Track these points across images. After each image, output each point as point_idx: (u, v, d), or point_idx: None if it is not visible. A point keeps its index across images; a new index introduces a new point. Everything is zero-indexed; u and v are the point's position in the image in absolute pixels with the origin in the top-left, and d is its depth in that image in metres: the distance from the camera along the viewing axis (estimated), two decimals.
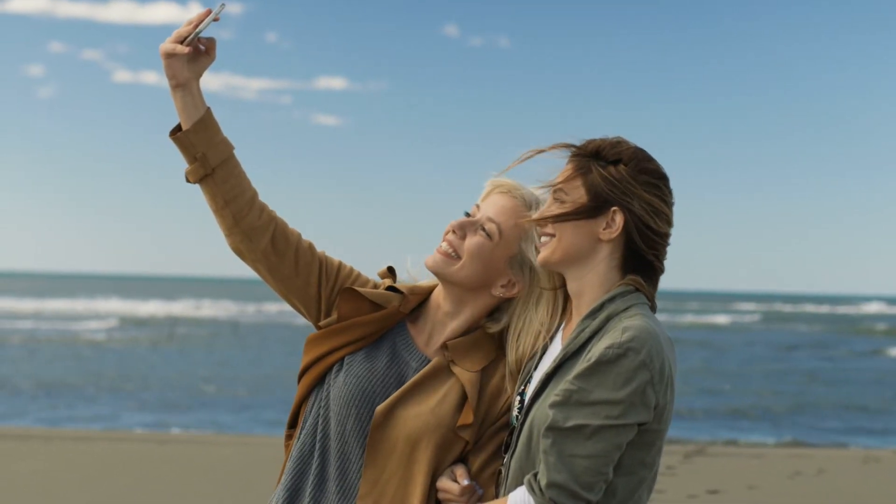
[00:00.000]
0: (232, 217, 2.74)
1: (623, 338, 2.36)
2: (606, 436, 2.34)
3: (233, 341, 34.40)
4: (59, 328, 38.09)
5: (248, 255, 2.80)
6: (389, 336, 2.84)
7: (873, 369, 28.81)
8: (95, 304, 59.62)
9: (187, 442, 13.00)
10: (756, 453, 13.34)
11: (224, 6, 2.63)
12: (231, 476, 10.22)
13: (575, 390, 2.37)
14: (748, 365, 29.30)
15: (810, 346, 38.45)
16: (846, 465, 12.14)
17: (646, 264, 2.56)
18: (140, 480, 9.93)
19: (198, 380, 21.80)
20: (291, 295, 2.86)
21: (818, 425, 17.50)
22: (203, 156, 2.69)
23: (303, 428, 2.81)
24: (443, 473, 2.68)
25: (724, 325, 55.50)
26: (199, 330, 39.98)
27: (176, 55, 2.64)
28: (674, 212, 2.58)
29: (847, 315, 76.87)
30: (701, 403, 19.56)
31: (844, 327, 54.73)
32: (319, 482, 2.73)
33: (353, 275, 2.90)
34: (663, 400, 2.40)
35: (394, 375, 2.77)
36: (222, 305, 62.05)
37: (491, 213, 2.76)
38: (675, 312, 66.45)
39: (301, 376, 2.84)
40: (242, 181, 2.75)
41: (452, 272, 2.76)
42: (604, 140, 2.57)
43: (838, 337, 45.10)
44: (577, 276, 2.57)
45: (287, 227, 2.83)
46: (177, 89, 2.67)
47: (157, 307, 58.41)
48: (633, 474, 2.43)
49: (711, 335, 43.69)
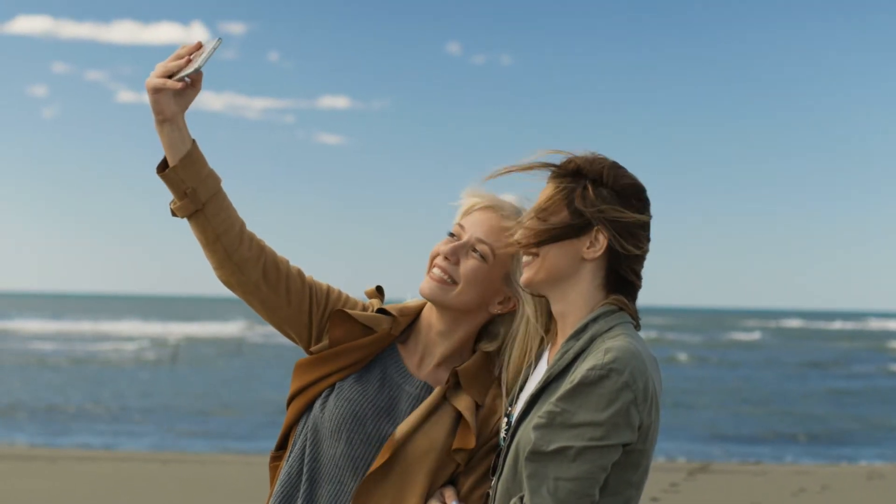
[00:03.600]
0: (224, 251, 2.69)
1: (605, 359, 2.35)
2: (591, 457, 2.33)
3: (236, 361, 34.38)
4: (63, 349, 38.07)
5: (238, 288, 2.77)
6: (380, 359, 2.81)
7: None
8: (99, 325, 59.57)
9: (190, 462, 12.99)
10: (760, 470, 13.32)
11: (221, 42, 2.54)
12: (234, 495, 10.21)
13: (558, 412, 2.37)
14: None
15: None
16: (851, 482, 12.11)
17: (627, 282, 2.56)
18: (144, 500, 9.92)
19: (200, 399, 21.79)
20: (283, 323, 2.83)
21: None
22: (193, 191, 2.62)
23: (291, 451, 2.78)
24: (432, 496, 2.67)
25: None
26: (203, 349, 39.97)
27: (165, 90, 2.55)
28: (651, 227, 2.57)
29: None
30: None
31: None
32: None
33: (342, 298, 2.88)
34: (648, 419, 2.39)
35: (385, 399, 2.75)
36: (226, 325, 62.00)
37: (480, 234, 2.74)
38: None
39: (290, 401, 2.81)
40: (231, 213, 2.70)
41: (450, 298, 2.74)
42: (582, 158, 2.55)
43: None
44: (561, 296, 2.56)
45: (276, 256, 2.79)
46: (164, 124, 2.57)
47: (161, 327, 58.39)
48: (620, 495, 2.42)
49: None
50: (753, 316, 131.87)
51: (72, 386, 24.20)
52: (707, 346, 49.24)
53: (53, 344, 41.01)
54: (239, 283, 2.75)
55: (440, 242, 2.81)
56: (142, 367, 30.79)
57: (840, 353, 44.53)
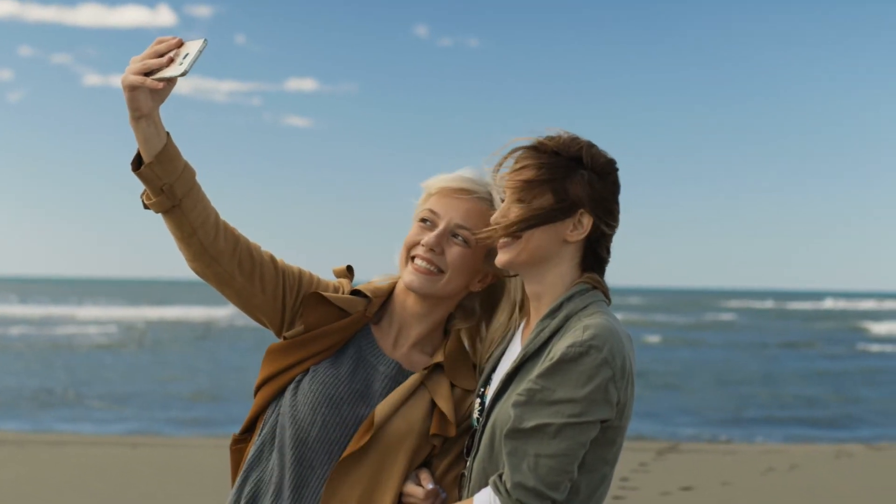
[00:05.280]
0: (199, 244, 2.63)
1: (585, 336, 2.36)
2: (570, 434, 2.33)
3: (204, 344, 34.25)
4: (26, 333, 37.81)
5: (213, 279, 2.71)
6: (354, 341, 2.78)
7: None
8: (64, 309, 59.13)
9: (160, 445, 12.94)
10: (729, 450, 13.40)
11: (206, 43, 2.41)
12: (205, 479, 10.17)
13: (538, 389, 2.37)
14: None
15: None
16: (819, 461, 12.20)
17: (600, 259, 2.57)
18: (115, 485, 9.87)
19: (170, 383, 21.70)
20: (256, 310, 2.79)
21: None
22: (169, 187, 2.53)
23: (260, 434, 2.74)
24: (408, 478, 2.66)
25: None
26: (170, 333, 39.78)
27: (143, 88, 2.43)
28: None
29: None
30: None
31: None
32: (277, 490, 2.66)
33: (314, 281, 2.84)
34: (624, 396, 2.39)
35: (360, 381, 2.72)
36: (194, 308, 61.70)
37: (458, 219, 2.72)
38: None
39: (260, 386, 2.76)
40: (207, 206, 2.63)
41: (439, 288, 2.73)
42: (559, 139, 2.54)
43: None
44: (538, 277, 2.55)
45: (250, 244, 2.74)
46: (139, 120, 2.46)
47: (128, 311, 58.09)
48: (596, 471, 2.43)
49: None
50: (726, 296, 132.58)
51: (37, 371, 24.04)
52: (678, 326, 49.47)
53: (15, 328, 40.67)
54: (214, 274, 2.70)
55: (413, 231, 2.78)
56: (108, 350, 30.60)
57: (813, 334, 44.85)
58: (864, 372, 26.73)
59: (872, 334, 45.91)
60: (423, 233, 2.74)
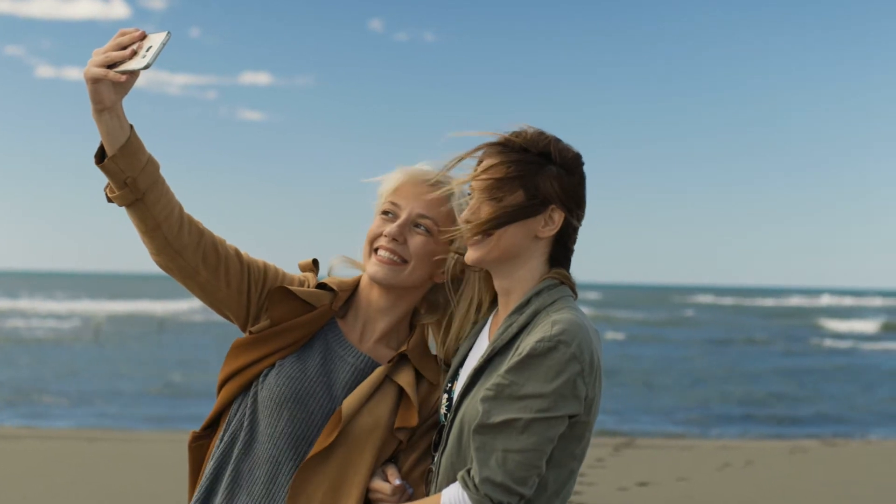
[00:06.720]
0: (163, 238, 2.61)
1: (553, 331, 2.36)
2: (538, 429, 2.34)
3: (160, 338, 34.03)
4: None
5: (177, 273, 2.69)
6: (321, 335, 2.78)
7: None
8: (17, 303, 58.52)
9: (117, 440, 12.85)
10: (685, 445, 13.49)
11: (170, 35, 2.40)
12: (162, 473, 10.12)
13: (507, 384, 2.37)
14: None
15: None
16: (774, 457, 12.31)
17: (568, 254, 2.58)
18: (70, 479, 9.80)
19: (126, 377, 21.55)
20: (221, 305, 2.77)
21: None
22: (133, 181, 2.50)
23: (225, 431, 2.73)
24: (375, 474, 2.65)
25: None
26: (125, 327, 39.50)
27: (106, 81, 2.40)
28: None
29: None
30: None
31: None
32: (248, 486, 2.65)
33: (279, 275, 2.83)
34: (592, 392, 2.40)
35: (327, 375, 2.71)
36: (148, 302, 61.27)
37: (419, 209, 2.73)
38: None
39: (225, 382, 2.74)
40: (171, 199, 2.61)
41: (403, 278, 2.73)
42: (526, 134, 2.54)
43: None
44: (508, 273, 2.56)
45: (214, 238, 2.72)
46: (102, 113, 2.43)
47: (86, 305, 57.61)
48: (564, 467, 2.44)
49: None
50: (689, 292, 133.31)
51: None
52: (638, 322, 49.70)
53: None
54: (178, 267, 2.68)
55: (375, 224, 2.78)
56: (64, 345, 30.35)
57: (772, 331, 45.16)
58: (823, 369, 26.95)
59: (831, 330, 46.34)
60: (385, 224, 2.75)
